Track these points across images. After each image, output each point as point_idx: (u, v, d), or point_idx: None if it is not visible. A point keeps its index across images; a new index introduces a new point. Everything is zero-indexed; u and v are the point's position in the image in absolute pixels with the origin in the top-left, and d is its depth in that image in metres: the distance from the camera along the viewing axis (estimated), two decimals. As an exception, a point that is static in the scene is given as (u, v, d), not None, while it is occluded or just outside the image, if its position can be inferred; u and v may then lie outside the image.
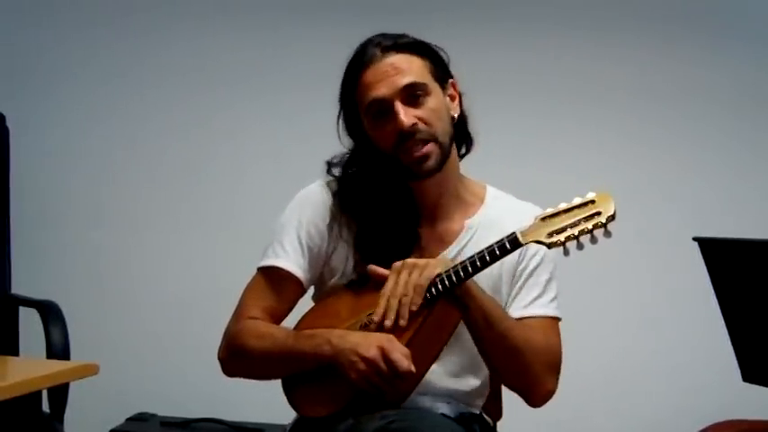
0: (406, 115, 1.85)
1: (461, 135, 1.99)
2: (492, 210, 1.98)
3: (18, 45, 3.39)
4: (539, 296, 1.93)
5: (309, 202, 1.97)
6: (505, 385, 1.99)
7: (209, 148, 3.36)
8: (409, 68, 1.88)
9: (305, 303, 1.99)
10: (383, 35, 1.92)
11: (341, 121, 1.96)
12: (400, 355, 1.74)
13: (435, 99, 1.90)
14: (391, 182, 1.93)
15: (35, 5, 3.40)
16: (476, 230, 1.94)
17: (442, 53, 1.96)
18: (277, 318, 1.95)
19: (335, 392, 1.83)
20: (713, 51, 3.19)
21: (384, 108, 1.87)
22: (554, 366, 1.91)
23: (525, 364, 1.86)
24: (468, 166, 2.03)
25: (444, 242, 1.94)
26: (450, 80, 1.96)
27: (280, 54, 3.32)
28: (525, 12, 3.23)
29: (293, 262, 1.94)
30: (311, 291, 2.03)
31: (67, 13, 3.40)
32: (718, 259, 2.05)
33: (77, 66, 3.40)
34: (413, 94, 1.87)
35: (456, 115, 1.95)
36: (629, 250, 3.06)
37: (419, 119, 1.86)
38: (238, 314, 1.95)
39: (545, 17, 3.23)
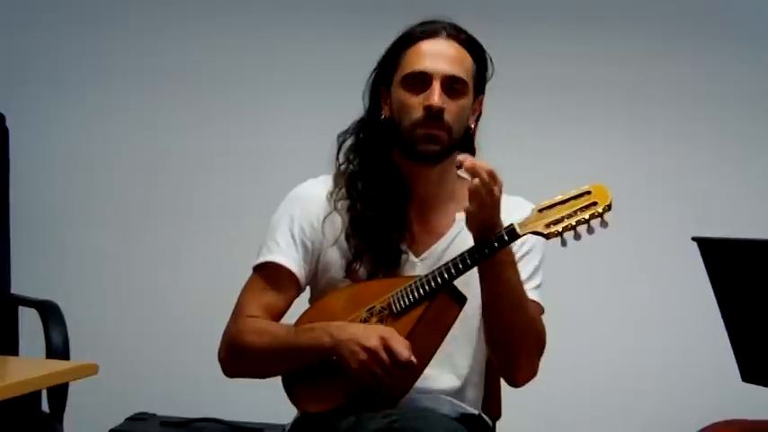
0: (440, 98, 1.89)
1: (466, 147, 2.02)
2: None
3: (18, 45, 3.39)
4: (527, 280, 1.94)
5: (300, 199, 1.99)
6: (497, 360, 1.97)
7: (210, 149, 3.36)
8: (461, 63, 1.93)
9: (302, 305, 1.99)
10: (453, 23, 1.97)
11: (372, 78, 2.00)
12: (401, 345, 1.76)
13: (466, 101, 1.94)
14: (388, 166, 1.95)
15: (35, 5, 3.40)
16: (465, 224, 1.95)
17: (490, 67, 2.00)
18: (276, 315, 1.95)
19: (336, 388, 1.84)
20: (712, 52, 3.19)
21: (422, 81, 1.90)
22: (542, 350, 1.94)
23: (526, 341, 1.88)
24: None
25: (436, 234, 1.96)
26: (481, 96, 2.00)
27: (280, 54, 3.32)
28: (525, 14, 3.24)
29: (287, 256, 1.95)
30: (307, 294, 2.03)
31: (67, 13, 3.39)
32: (717, 259, 2.04)
33: (77, 66, 3.40)
34: (452, 87, 1.91)
35: (472, 126, 1.99)
36: (628, 250, 3.07)
37: (447, 109, 1.90)
38: (236, 314, 1.96)
39: (545, 19, 3.24)
